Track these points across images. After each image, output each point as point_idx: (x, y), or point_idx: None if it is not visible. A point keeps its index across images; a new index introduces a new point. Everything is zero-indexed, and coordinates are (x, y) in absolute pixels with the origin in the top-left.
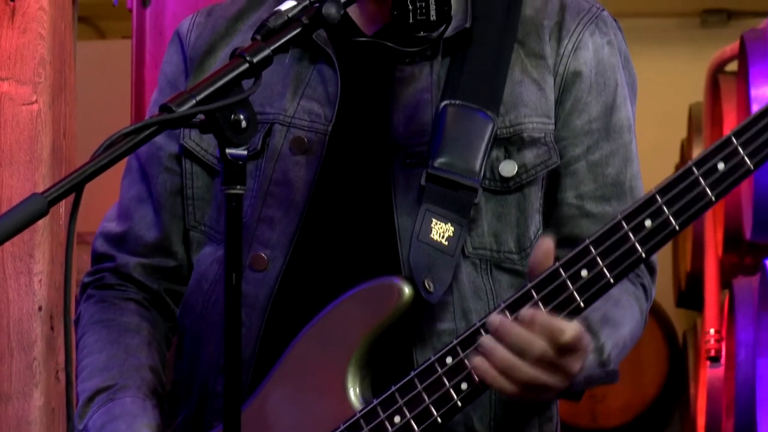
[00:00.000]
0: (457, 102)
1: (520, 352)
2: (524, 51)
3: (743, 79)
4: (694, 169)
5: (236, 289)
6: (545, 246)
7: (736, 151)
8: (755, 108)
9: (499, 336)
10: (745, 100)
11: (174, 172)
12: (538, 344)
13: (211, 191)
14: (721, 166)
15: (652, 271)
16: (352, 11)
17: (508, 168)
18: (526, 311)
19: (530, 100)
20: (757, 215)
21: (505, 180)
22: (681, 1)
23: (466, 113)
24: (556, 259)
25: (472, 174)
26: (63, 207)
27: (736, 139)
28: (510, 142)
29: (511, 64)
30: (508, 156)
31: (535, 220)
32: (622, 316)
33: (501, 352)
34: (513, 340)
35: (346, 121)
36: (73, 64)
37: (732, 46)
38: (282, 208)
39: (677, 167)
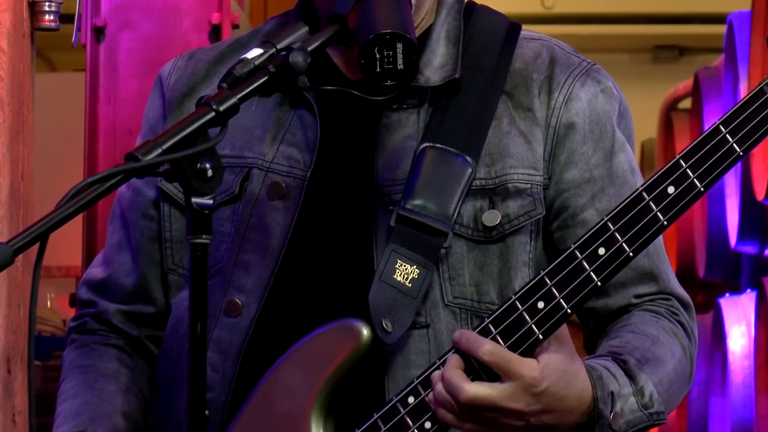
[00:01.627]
0: (436, 145)
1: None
2: (512, 103)
3: (697, 116)
4: (645, 195)
5: (201, 339)
6: None
7: (685, 174)
8: None
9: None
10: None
11: (152, 218)
12: (447, 400)
13: None
14: (671, 189)
15: (686, 306)
16: (335, 56)
17: (491, 218)
18: (436, 373)
19: (517, 152)
20: (710, 253)
21: (488, 229)
22: (633, 37)
23: (443, 157)
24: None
25: (445, 218)
26: None
27: (685, 162)
28: (495, 193)
29: (499, 116)
30: (492, 206)
31: (522, 273)
32: (662, 355)
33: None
34: (436, 391)
35: (325, 167)
36: (31, 105)
37: (685, 84)
38: (258, 254)
39: None
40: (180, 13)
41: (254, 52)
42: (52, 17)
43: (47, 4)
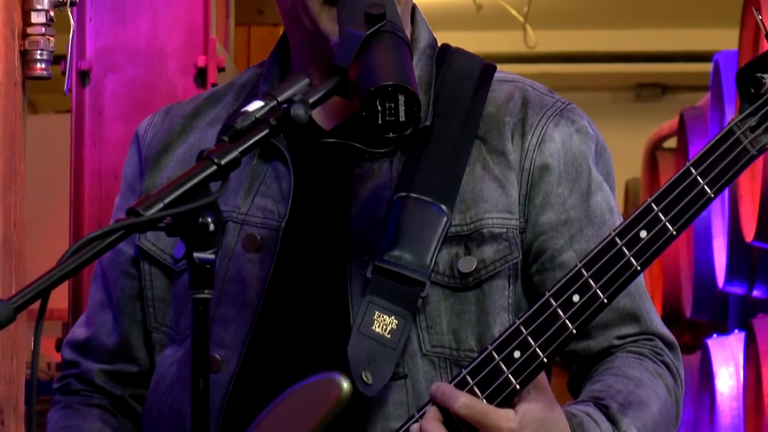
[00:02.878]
0: (411, 195)
1: None
2: (486, 148)
3: (683, 156)
4: (617, 240)
5: (203, 394)
6: None
7: (657, 218)
8: None
9: None
10: None
11: (133, 276)
12: None
13: (170, 292)
14: (643, 234)
15: (671, 346)
16: None
17: (467, 264)
18: (414, 427)
19: (491, 197)
20: (697, 293)
21: (464, 276)
22: (615, 75)
23: (418, 206)
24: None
25: (422, 267)
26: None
27: (656, 206)
28: (470, 239)
29: (472, 161)
30: (467, 252)
31: (501, 318)
32: (646, 397)
33: None
34: None
35: (300, 218)
36: (23, 155)
37: (670, 123)
38: (236, 308)
39: None
40: (165, 57)
41: (255, 105)
42: (43, 66)
43: (39, 52)
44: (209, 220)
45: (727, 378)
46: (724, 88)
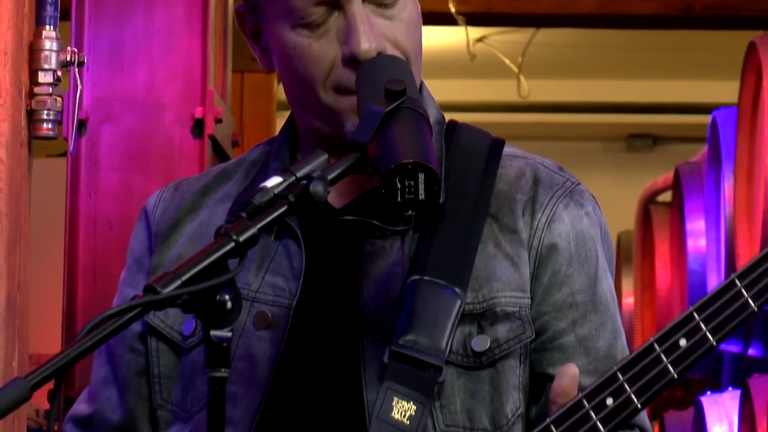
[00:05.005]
0: (425, 278)
1: None
2: (498, 225)
3: (677, 211)
4: (656, 346)
5: None
6: (570, 371)
7: (698, 327)
8: (690, 242)
9: None
10: (679, 232)
11: (139, 352)
12: None
13: (176, 369)
14: (683, 342)
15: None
16: None
17: (481, 343)
18: None
19: (503, 275)
20: None
21: (478, 355)
22: (607, 126)
23: (433, 290)
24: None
25: (438, 352)
26: (15, 362)
27: (698, 315)
28: (483, 317)
29: (484, 239)
30: (480, 331)
31: (513, 397)
32: None
33: None
34: None
35: (312, 296)
36: (28, 215)
37: (665, 177)
38: (245, 385)
39: None
40: (162, 107)
41: (273, 181)
42: (50, 125)
43: (45, 112)
44: (227, 297)
45: None
46: (722, 146)
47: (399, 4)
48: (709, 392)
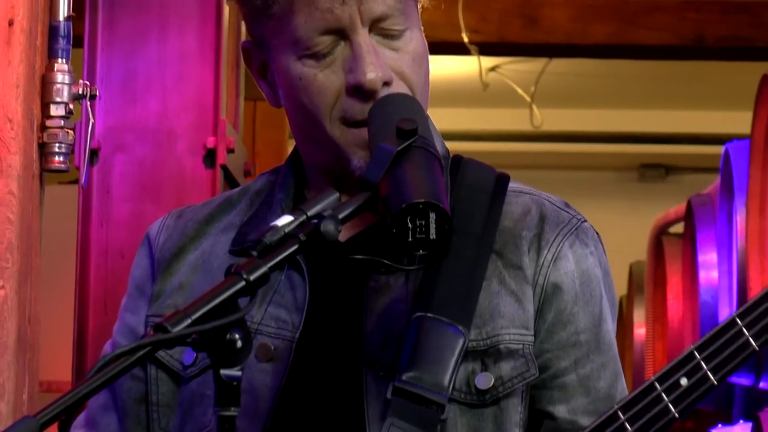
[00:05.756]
0: (429, 315)
1: None
2: (502, 262)
3: (690, 243)
4: (657, 385)
5: None
6: None
7: (699, 366)
8: (702, 274)
9: None
10: (691, 264)
11: (139, 379)
12: None
13: (176, 397)
14: (684, 381)
15: None
16: None
17: (484, 380)
18: None
19: (508, 312)
20: None
21: (481, 393)
22: (619, 156)
23: (436, 327)
24: None
25: (441, 389)
26: (26, 394)
27: (699, 354)
28: (486, 354)
29: (489, 275)
30: (484, 368)
31: None
32: None
33: None
34: None
35: (315, 329)
36: (39, 248)
37: (677, 209)
38: (246, 418)
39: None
40: (174, 137)
41: (284, 220)
42: (61, 158)
43: (57, 145)
44: (237, 336)
45: None
46: (735, 178)
47: (406, 36)
48: (720, 425)
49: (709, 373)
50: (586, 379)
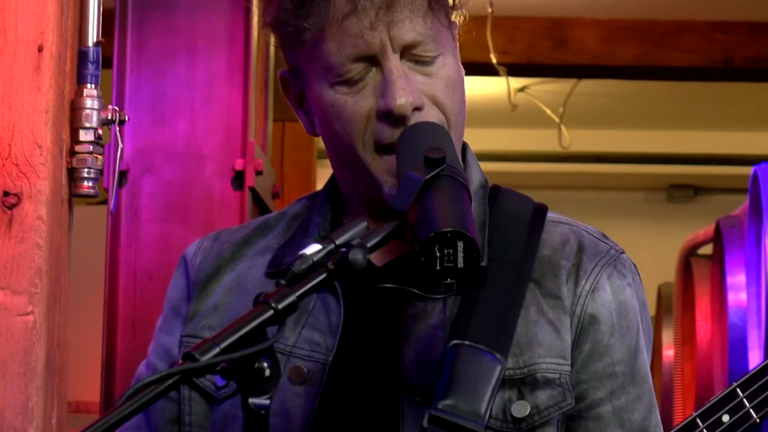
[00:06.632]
0: (466, 342)
1: None
2: (540, 291)
3: (718, 265)
4: (699, 422)
5: None
6: None
7: (741, 404)
8: (731, 296)
9: None
10: (719, 286)
11: (172, 399)
12: None
13: (208, 418)
14: (726, 418)
15: None
16: None
17: (521, 408)
18: None
19: (545, 341)
20: None
21: (517, 421)
22: (648, 176)
23: (473, 355)
24: None
25: (477, 417)
26: (54, 419)
27: (742, 392)
28: (523, 383)
29: (527, 303)
30: (521, 396)
31: None
32: None
33: None
34: None
35: (349, 352)
36: (68, 273)
37: (705, 230)
38: None
39: None
40: (203, 159)
41: (312, 248)
42: (90, 183)
43: (86, 170)
44: (265, 365)
45: None
46: (763, 200)
47: (438, 61)
48: None
49: (751, 410)
50: (621, 410)
